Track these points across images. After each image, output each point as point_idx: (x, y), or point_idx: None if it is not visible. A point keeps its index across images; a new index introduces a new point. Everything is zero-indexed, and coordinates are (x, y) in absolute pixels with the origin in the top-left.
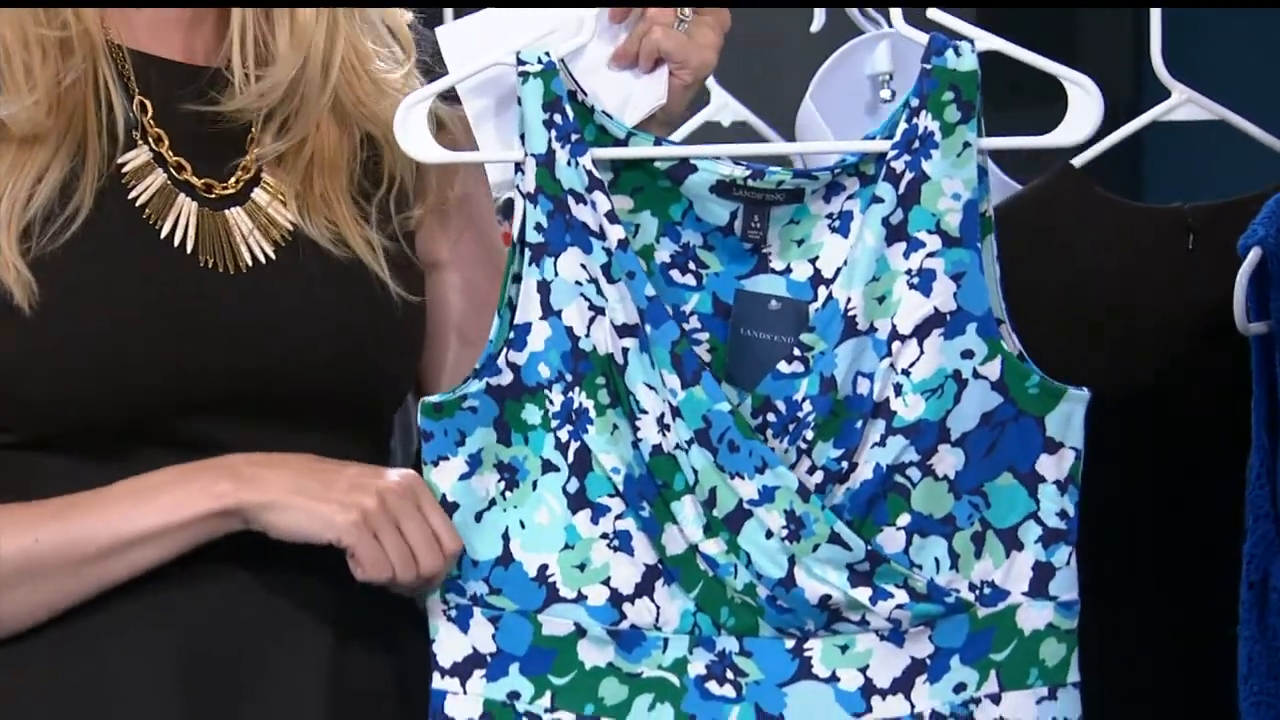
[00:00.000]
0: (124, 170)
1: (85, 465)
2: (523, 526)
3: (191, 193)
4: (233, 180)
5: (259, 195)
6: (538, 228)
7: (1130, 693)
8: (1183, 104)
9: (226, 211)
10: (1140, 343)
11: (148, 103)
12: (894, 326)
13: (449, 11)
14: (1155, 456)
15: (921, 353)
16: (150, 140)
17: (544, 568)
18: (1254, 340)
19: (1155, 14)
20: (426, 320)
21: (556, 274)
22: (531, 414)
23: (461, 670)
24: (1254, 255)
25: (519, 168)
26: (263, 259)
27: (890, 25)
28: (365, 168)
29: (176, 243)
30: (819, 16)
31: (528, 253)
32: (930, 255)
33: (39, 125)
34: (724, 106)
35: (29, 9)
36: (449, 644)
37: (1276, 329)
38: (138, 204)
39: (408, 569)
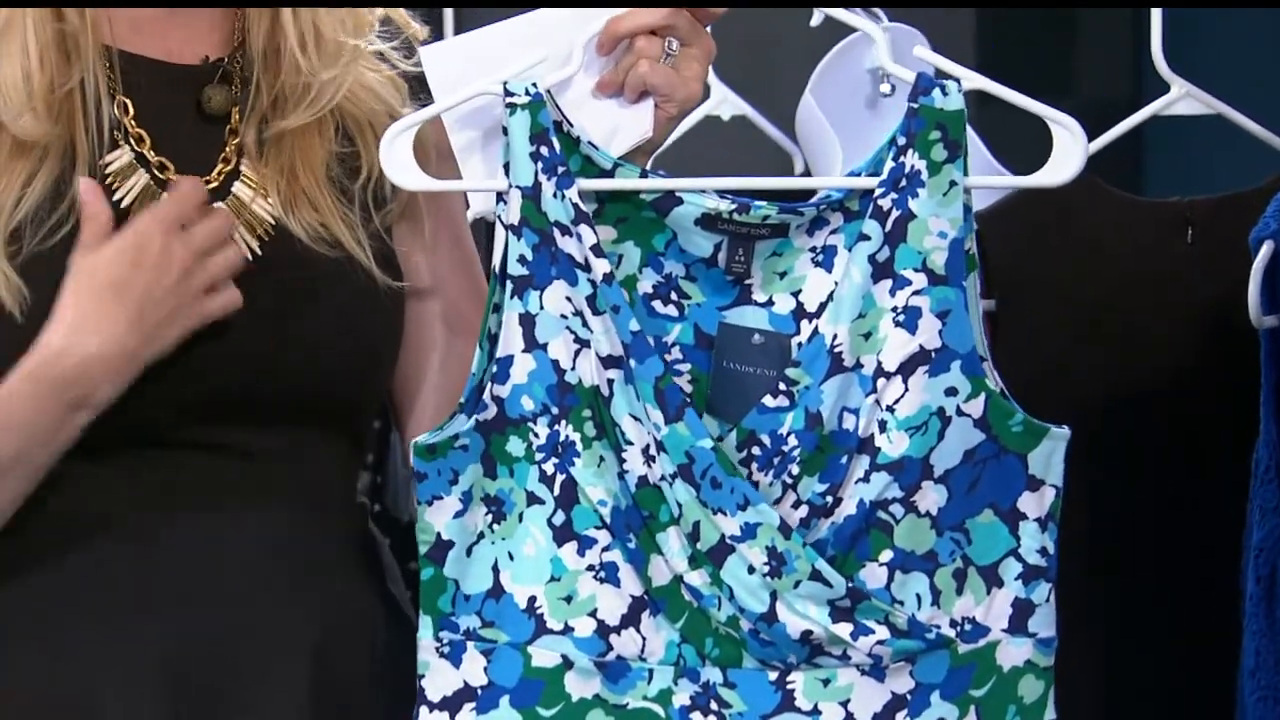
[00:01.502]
0: (107, 172)
1: (78, 466)
2: (511, 559)
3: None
4: (214, 173)
5: (240, 190)
6: (521, 260)
7: (1132, 685)
8: (1182, 98)
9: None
10: (1139, 336)
11: (129, 103)
12: (879, 363)
13: (449, 12)
14: (1153, 450)
15: (906, 390)
16: (131, 141)
17: (533, 599)
18: (1264, 334)
19: (1156, 9)
20: (408, 317)
21: (542, 307)
22: (515, 446)
23: (451, 704)
24: (1266, 249)
25: (501, 197)
26: (249, 255)
27: (888, 20)
28: (342, 161)
29: None
30: (819, 11)
31: (509, 285)
32: (916, 293)
33: (42, 132)
34: (723, 101)
35: (33, 9)
36: (439, 679)
37: None
38: (122, 206)
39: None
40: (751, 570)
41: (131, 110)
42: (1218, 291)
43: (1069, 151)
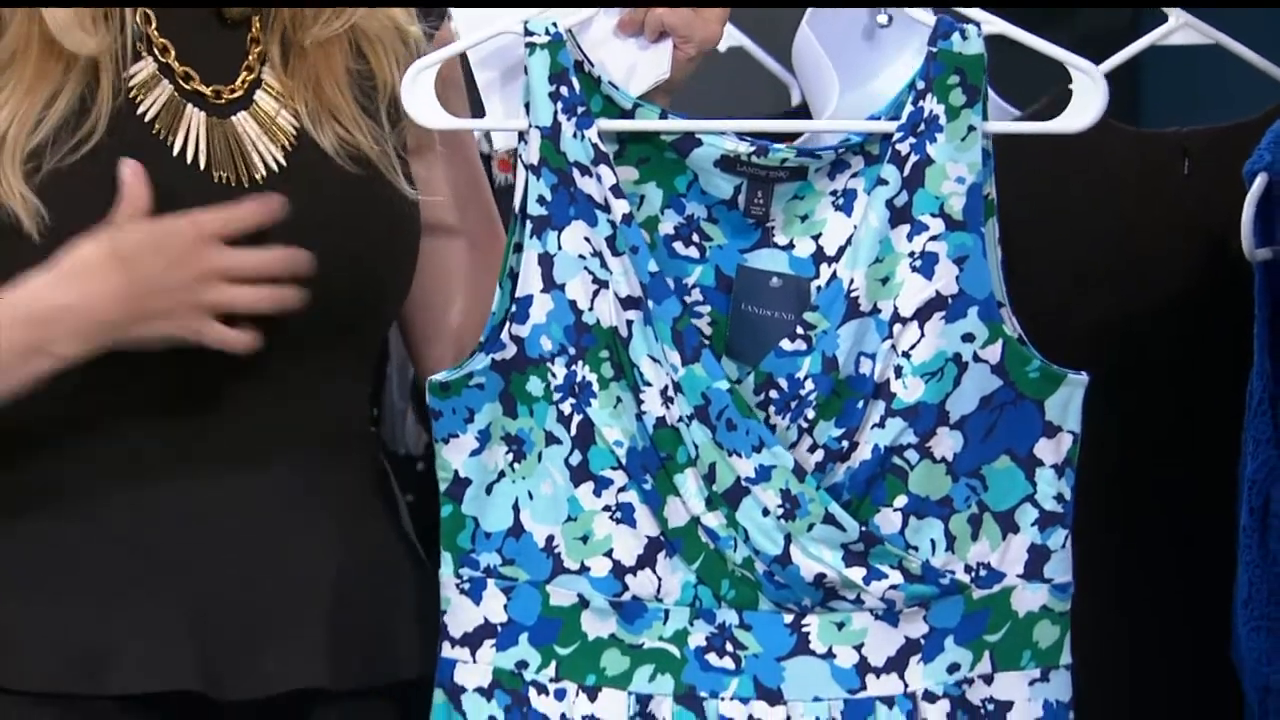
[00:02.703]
0: (131, 84)
1: (97, 381)
2: (531, 497)
3: (199, 102)
4: (239, 81)
5: (263, 100)
6: (540, 200)
7: (1119, 616)
8: (1180, 28)
9: (233, 118)
10: (1137, 266)
11: (150, 13)
12: (896, 308)
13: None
14: (1151, 381)
15: (922, 335)
16: (156, 51)
17: (550, 539)
18: (1258, 266)
19: None
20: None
21: (560, 247)
22: (535, 386)
23: (472, 640)
24: (1260, 181)
25: (522, 137)
26: (275, 167)
27: None
28: (360, 77)
29: (189, 159)
30: None
31: (529, 224)
32: (933, 239)
33: (95, 45)
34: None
35: None
36: (461, 615)
37: None
38: (147, 119)
39: (270, 303)
40: (766, 512)
41: (154, 21)
42: (1215, 222)
43: (1089, 97)
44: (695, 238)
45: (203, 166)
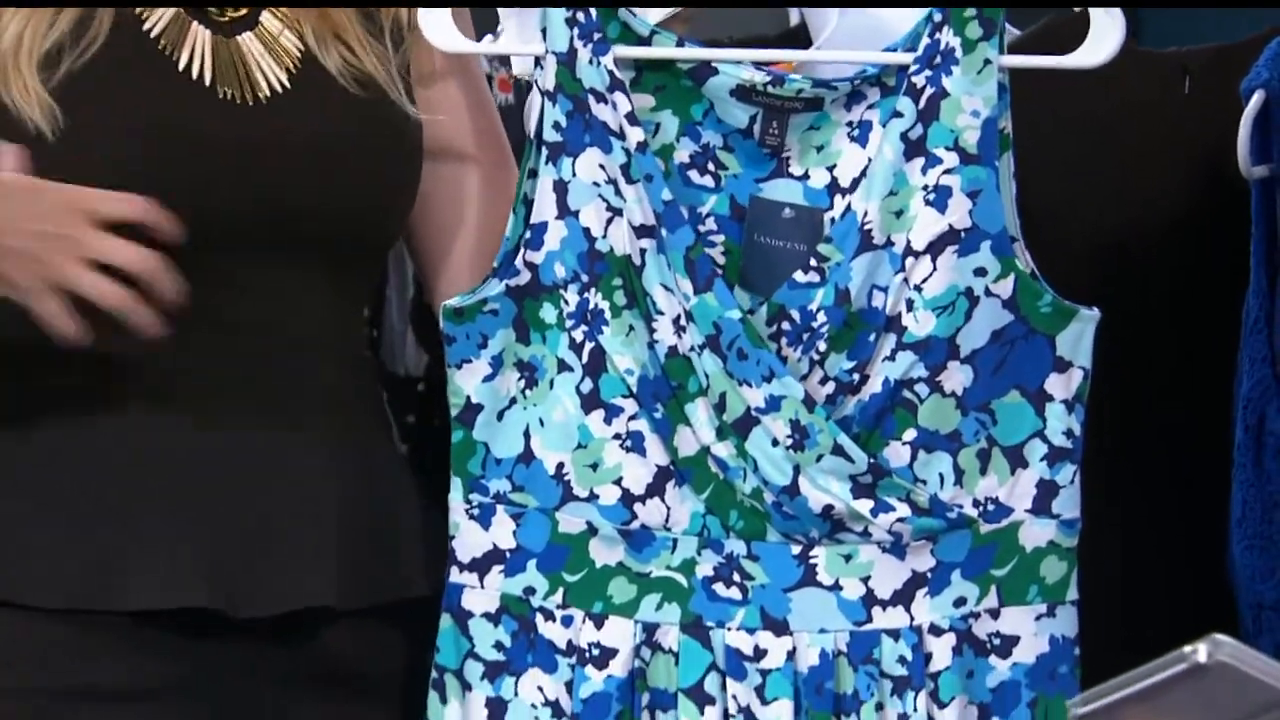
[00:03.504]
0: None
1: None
2: (542, 424)
3: (204, 21)
4: (244, 3)
5: (268, 21)
6: (556, 126)
7: (1119, 526)
8: None
9: (239, 38)
10: (1136, 185)
11: None
12: (909, 242)
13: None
14: (1148, 300)
15: (934, 269)
16: None
17: (561, 466)
18: (1255, 184)
19: None
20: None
21: (574, 174)
22: (548, 313)
23: (480, 566)
24: (1257, 99)
25: (538, 62)
26: (279, 87)
27: None
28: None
29: (195, 75)
30: None
31: (544, 150)
32: (947, 172)
33: None
34: None
35: None
36: (469, 540)
37: (1278, 172)
38: (152, 35)
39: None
40: (775, 443)
41: None
42: (1215, 140)
43: (1106, 32)
44: (710, 167)
45: (208, 83)
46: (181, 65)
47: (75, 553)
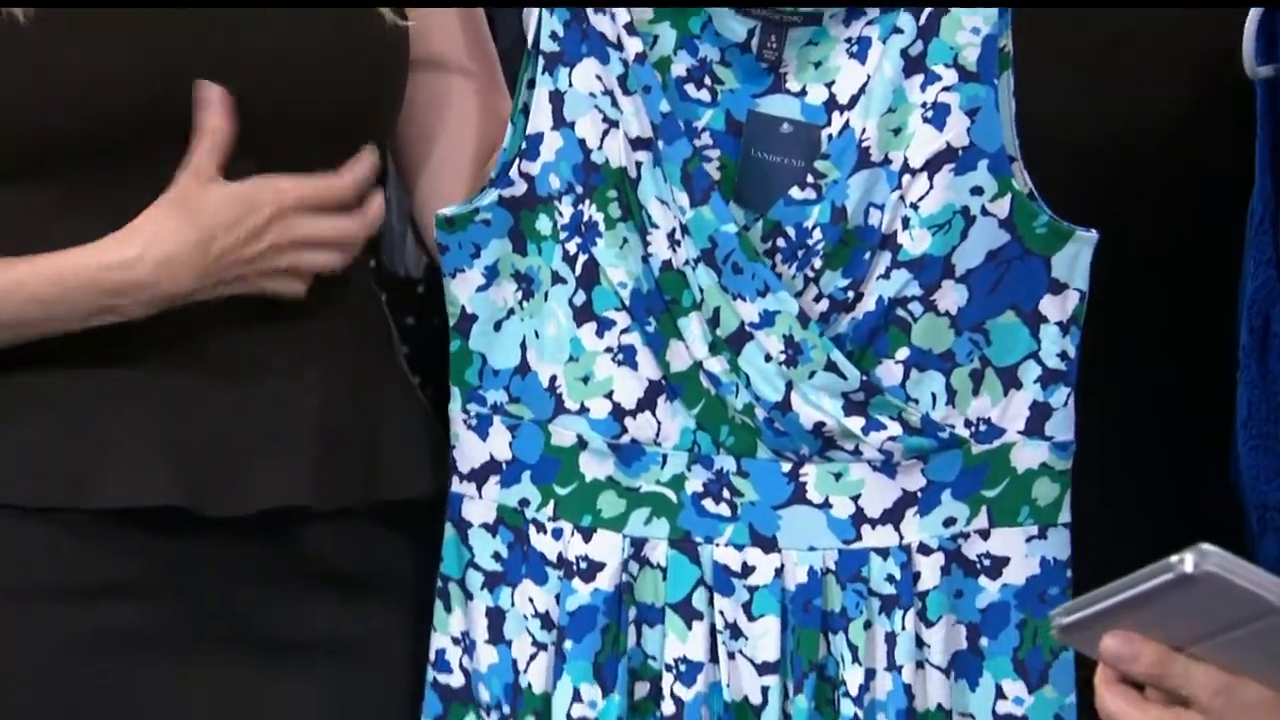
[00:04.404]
0: None
1: (70, 196)
2: (537, 336)
3: None
4: None
5: None
6: (553, 36)
7: (1120, 442)
8: None
9: None
10: (1142, 83)
11: None
12: (906, 160)
13: None
14: (1152, 202)
15: (931, 187)
16: None
17: (554, 378)
18: (1260, 84)
19: None
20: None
21: (571, 85)
22: (543, 224)
23: (479, 476)
24: None
25: None
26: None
27: None
28: None
29: None
30: None
31: (541, 60)
32: (946, 89)
33: None
34: None
35: None
36: (468, 450)
37: None
38: None
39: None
40: (768, 358)
41: None
42: (1221, 40)
43: None
44: (707, 81)
45: None
46: None
47: (44, 453)
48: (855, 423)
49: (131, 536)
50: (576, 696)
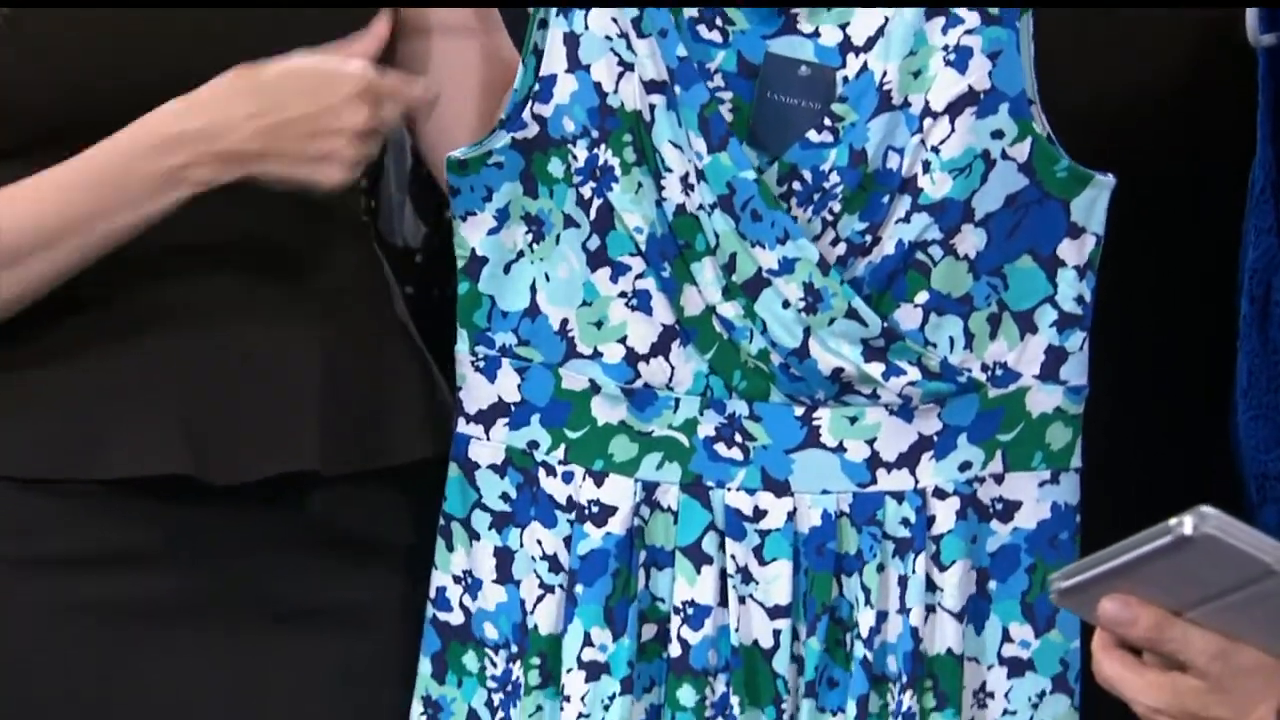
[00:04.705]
0: None
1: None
2: (548, 279)
3: None
4: None
5: None
6: None
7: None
8: None
9: None
10: (1142, 52)
11: None
12: (927, 103)
13: None
14: (1154, 168)
15: (952, 130)
16: None
17: (565, 322)
18: (1262, 53)
19: None
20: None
21: (586, 27)
22: (556, 167)
23: (486, 418)
24: None
25: None
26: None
27: None
28: None
29: None
30: None
31: None
32: (968, 32)
33: None
34: None
35: None
36: (475, 392)
37: None
38: None
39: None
40: (786, 305)
41: None
42: (1222, 9)
43: None
44: (718, 22)
45: None
46: None
47: (56, 425)
48: (875, 368)
49: (139, 506)
50: (587, 640)
